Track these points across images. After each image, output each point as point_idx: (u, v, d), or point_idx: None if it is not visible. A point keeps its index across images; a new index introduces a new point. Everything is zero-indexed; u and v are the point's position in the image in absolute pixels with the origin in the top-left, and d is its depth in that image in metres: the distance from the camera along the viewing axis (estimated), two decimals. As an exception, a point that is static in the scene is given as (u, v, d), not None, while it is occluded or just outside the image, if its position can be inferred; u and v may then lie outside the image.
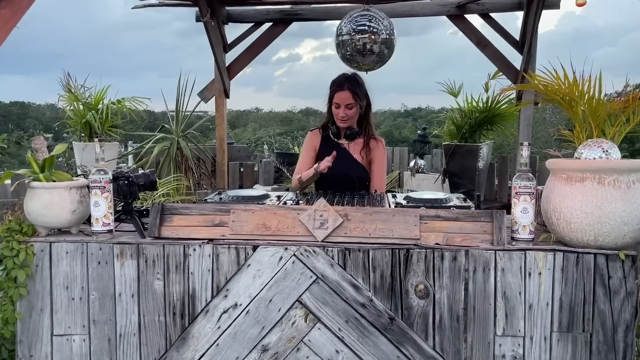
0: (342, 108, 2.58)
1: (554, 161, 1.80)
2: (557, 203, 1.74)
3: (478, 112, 4.07)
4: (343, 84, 2.57)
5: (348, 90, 2.56)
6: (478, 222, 1.79)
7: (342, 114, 2.58)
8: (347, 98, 2.56)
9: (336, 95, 2.58)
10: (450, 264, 1.75)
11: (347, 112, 2.58)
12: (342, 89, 2.56)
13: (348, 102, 2.57)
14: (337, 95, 2.58)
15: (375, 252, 1.76)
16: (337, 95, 2.58)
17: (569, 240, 1.75)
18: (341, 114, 2.58)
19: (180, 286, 1.82)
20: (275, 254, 1.79)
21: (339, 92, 2.57)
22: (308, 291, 1.78)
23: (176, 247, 1.81)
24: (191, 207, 1.89)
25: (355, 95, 2.57)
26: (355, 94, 2.57)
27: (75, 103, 4.22)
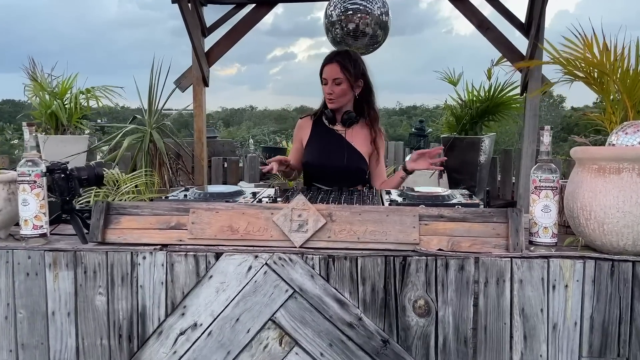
0: (329, 83, 2.27)
1: (583, 149, 1.48)
2: (587, 200, 1.42)
3: (479, 101, 3.76)
4: (332, 57, 2.28)
5: (336, 63, 2.25)
6: (490, 223, 1.47)
7: (328, 90, 2.27)
8: (335, 71, 2.25)
9: (324, 69, 2.29)
10: (456, 275, 1.43)
11: (334, 88, 2.27)
12: (331, 62, 2.27)
13: (335, 77, 2.26)
14: (325, 69, 2.28)
15: (365, 260, 1.44)
16: (325, 69, 2.28)
17: (601, 245, 1.43)
18: (328, 89, 2.27)
19: (128, 302, 1.49)
20: (243, 263, 1.46)
21: (327, 65, 2.28)
22: (283, 308, 1.46)
23: (122, 255, 1.48)
24: (142, 206, 1.56)
25: (344, 69, 2.25)
26: (344, 68, 2.25)
27: (41, 93, 3.88)
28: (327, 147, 2.35)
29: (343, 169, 2.29)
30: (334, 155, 2.31)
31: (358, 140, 2.36)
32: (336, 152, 2.31)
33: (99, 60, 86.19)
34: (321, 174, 2.32)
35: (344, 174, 2.28)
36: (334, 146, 2.33)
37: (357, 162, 2.33)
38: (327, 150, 2.34)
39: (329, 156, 2.32)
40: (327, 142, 2.36)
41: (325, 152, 2.34)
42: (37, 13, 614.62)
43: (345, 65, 2.26)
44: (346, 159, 2.30)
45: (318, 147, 2.37)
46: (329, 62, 2.28)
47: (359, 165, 2.33)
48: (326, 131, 2.39)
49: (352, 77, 2.28)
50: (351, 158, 2.32)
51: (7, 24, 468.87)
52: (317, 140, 2.38)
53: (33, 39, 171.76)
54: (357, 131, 2.39)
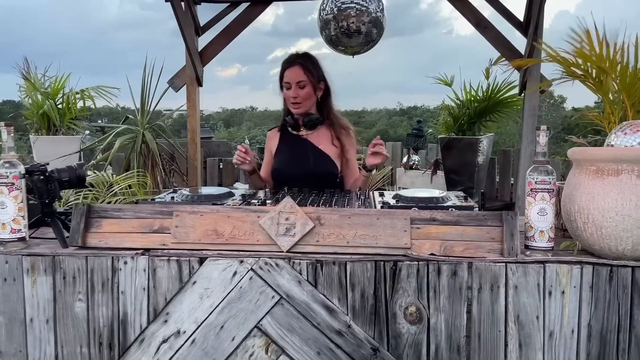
0: (293, 87, 2.21)
1: (580, 150, 1.43)
2: (584, 202, 1.37)
3: (477, 101, 3.70)
4: (293, 60, 2.21)
5: (299, 65, 2.20)
6: (484, 226, 1.42)
7: (293, 94, 2.21)
8: (298, 74, 2.20)
9: (286, 73, 2.22)
10: (448, 280, 1.37)
11: (298, 91, 2.21)
12: (292, 65, 2.20)
13: (299, 79, 2.20)
14: (287, 73, 2.21)
15: (355, 265, 1.39)
16: (286, 73, 2.22)
17: (599, 250, 1.38)
18: (292, 94, 2.21)
19: (108, 309, 1.43)
20: (228, 268, 1.41)
21: (289, 69, 2.21)
22: (269, 315, 1.40)
23: (102, 260, 1.43)
24: (125, 209, 1.51)
25: (307, 71, 2.20)
26: (307, 70, 2.20)
27: (34, 93, 3.82)
28: (294, 154, 2.29)
29: (311, 174, 2.23)
30: (301, 161, 2.26)
31: (324, 142, 2.30)
32: (303, 158, 2.26)
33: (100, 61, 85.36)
34: (290, 180, 2.25)
35: (313, 178, 2.21)
36: (300, 151, 2.27)
37: (325, 166, 2.26)
38: (294, 156, 2.28)
39: (296, 162, 2.26)
40: (294, 148, 2.31)
41: (292, 158, 2.29)
42: (37, 13, 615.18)
43: (308, 67, 2.21)
44: (313, 163, 2.24)
45: (285, 154, 2.33)
46: (290, 65, 2.21)
47: (327, 168, 2.26)
48: (292, 138, 2.34)
49: (314, 79, 2.23)
50: (318, 162, 2.26)
51: (8, 24, 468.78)
52: (285, 148, 2.34)
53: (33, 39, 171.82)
54: (322, 133, 2.33)
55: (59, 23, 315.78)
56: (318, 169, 2.25)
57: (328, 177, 2.27)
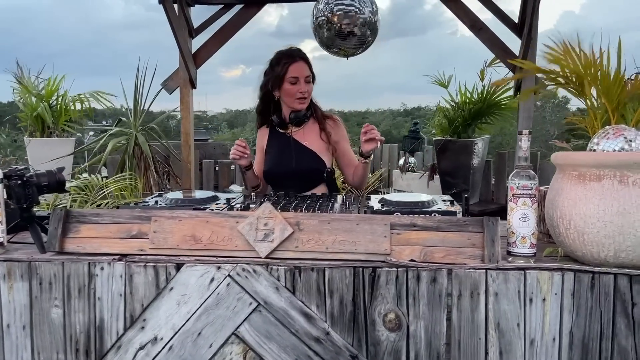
0: (301, 82, 2.18)
1: (563, 154, 1.41)
2: (567, 208, 1.35)
3: (472, 103, 3.68)
4: (295, 55, 2.19)
5: (303, 60, 2.18)
6: (465, 232, 1.40)
7: (302, 89, 2.18)
8: (304, 69, 2.19)
9: (291, 68, 2.17)
10: (428, 287, 1.35)
11: (307, 87, 2.20)
12: (297, 60, 2.18)
13: (307, 74, 2.19)
14: (293, 68, 2.17)
15: (333, 271, 1.37)
16: (292, 69, 2.17)
17: (582, 256, 1.36)
18: (302, 88, 2.18)
19: (85, 315, 1.42)
20: (205, 274, 1.39)
21: (295, 64, 2.17)
22: (247, 322, 1.39)
23: (79, 266, 1.41)
24: (103, 214, 1.50)
25: (309, 66, 2.20)
26: (309, 65, 2.20)
27: (28, 95, 3.83)
28: (278, 153, 2.28)
29: (294, 173, 2.22)
30: (285, 160, 2.24)
31: (310, 138, 2.28)
32: (287, 156, 2.24)
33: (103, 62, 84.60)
34: (278, 180, 2.24)
35: (297, 177, 2.21)
36: (284, 150, 2.26)
37: (308, 163, 2.24)
38: (279, 156, 2.27)
39: (281, 162, 2.25)
40: (279, 147, 2.29)
41: (277, 158, 2.28)
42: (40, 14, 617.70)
43: (309, 63, 2.21)
44: (295, 161, 2.23)
45: (272, 154, 2.31)
46: (294, 60, 2.19)
47: (311, 165, 2.24)
48: (278, 137, 2.32)
49: (314, 75, 2.25)
50: (301, 159, 2.24)
51: (12, 25, 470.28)
52: (272, 148, 2.32)
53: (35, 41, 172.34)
54: (309, 129, 2.31)
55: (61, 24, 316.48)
56: (302, 167, 2.24)
57: (313, 173, 2.26)
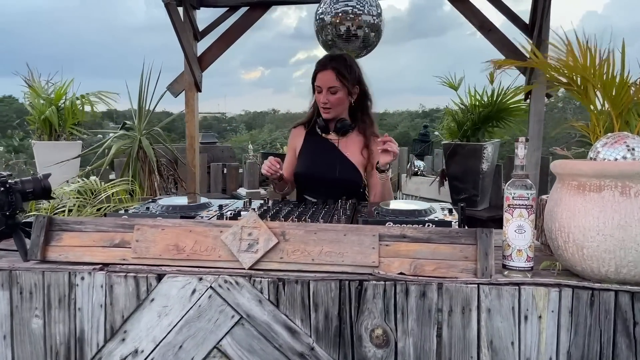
0: (323, 92, 2.13)
1: (561, 163, 1.34)
2: (565, 220, 1.28)
3: (482, 106, 3.59)
4: (326, 63, 2.12)
5: (332, 70, 2.10)
6: (457, 244, 1.33)
7: (323, 99, 2.13)
8: (330, 79, 2.11)
9: (318, 76, 2.13)
10: (417, 302, 1.29)
11: (329, 97, 2.13)
12: (325, 69, 2.11)
13: (331, 85, 2.11)
14: (319, 77, 2.13)
15: (318, 284, 1.31)
16: (318, 77, 2.13)
17: (582, 271, 1.28)
18: (322, 99, 2.13)
19: (65, 326, 1.39)
20: (187, 285, 1.35)
21: (321, 72, 2.12)
22: (229, 335, 1.34)
23: (59, 275, 1.38)
24: (86, 222, 1.47)
25: (340, 76, 2.10)
26: (340, 75, 2.10)
27: (37, 99, 3.85)
28: (319, 158, 2.22)
29: (334, 181, 2.16)
30: (325, 166, 2.18)
31: (352, 150, 2.22)
32: (328, 163, 2.18)
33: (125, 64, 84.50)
34: (312, 185, 2.18)
35: (335, 186, 2.15)
36: (326, 156, 2.20)
37: (349, 174, 2.18)
38: (319, 160, 2.21)
39: (320, 167, 2.19)
40: (320, 152, 2.23)
41: (316, 162, 2.21)
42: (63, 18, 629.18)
43: (341, 72, 2.11)
44: (338, 171, 2.17)
45: (310, 157, 2.25)
46: (323, 68, 2.13)
47: (351, 177, 2.18)
48: (319, 141, 2.25)
49: (348, 84, 2.13)
50: (343, 170, 2.18)
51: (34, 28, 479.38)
52: (310, 150, 2.26)
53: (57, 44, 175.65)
54: (352, 140, 2.24)
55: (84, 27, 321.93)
56: (343, 177, 2.18)
57: (352, 186, 2.21)
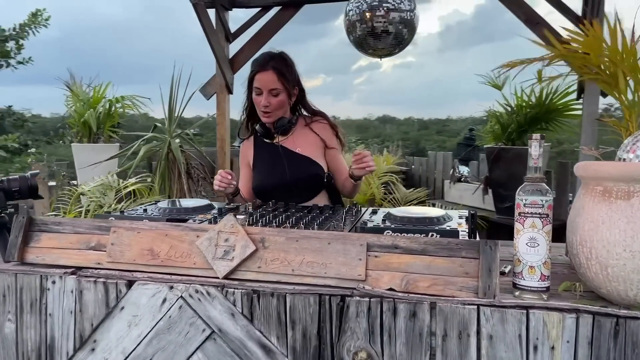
0: (264, 94, 1.97)
1: (585, 165, 1.13)
2: (587, 232, 1.07)
3: (529, 107, 3.31)
4: (266, 63, 1.95)
5: (273, 70, 1.94)
6: (457, 258, 1.15)
7: (264, 102, 1.97)
8: (271, 81, 1.94)
9: (257, 77, 1.96)
10: (407, 323, 1.12)
11: (270, 100, 1.97)
12: (265, 69, 1.94)
13: (272, 87, 1.95)
14: (259, 77, 1.96)
15: (295, 298, 1.17)
16: (257, 77, 1.96)
17: (607, 294, 1.07)
18: (263, 101, 1.97)
19: (36, 332, 1.32)
20: (157, 294, 1.25)
21: (261, 73, 1.95)
22: (200, 351, 1.22)
23: (31, 278, 1.32)
24: (64, 223, 1.40)
25: (282, 77, 1.95)
26: (282, 76, 1.95)
27: (77, 103, 3.95)
28: (269, 165, 2.07)
29: (290, 182, 2.01)
30: (280, 173, 2.03)
31: (302, 143, 2.07)
32: (278, 167, 2.04)
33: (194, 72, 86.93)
34: (271, 194, 2.03)
35: (294, 187, 2.00)
36: (275, 161, 2.06)
37: (307, 170, 2.03)
38: (270, 167, 2.07)
39: (274, 173, 2.05)
40: (269, 159, 2.09)
41: (269, 170, 2.07)
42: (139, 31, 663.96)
43: (283, 73, 1.95)
44: (289, 170, 2.03)
45: (262, 167, 2.11)
46: (262, 68, 1.96)
47: (310, 172, 2.03)
48: (266, 147, 2.11)
49: (289, 85, 1.98)
50: (296, 167, 2.04)
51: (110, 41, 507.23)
52: (260, 161, 2.11)
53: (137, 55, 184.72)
54: (299, 135, 2.10)
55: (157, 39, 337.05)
56: (297, 176, 2.04)
57: (312, 180, 2.06)
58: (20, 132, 9.16)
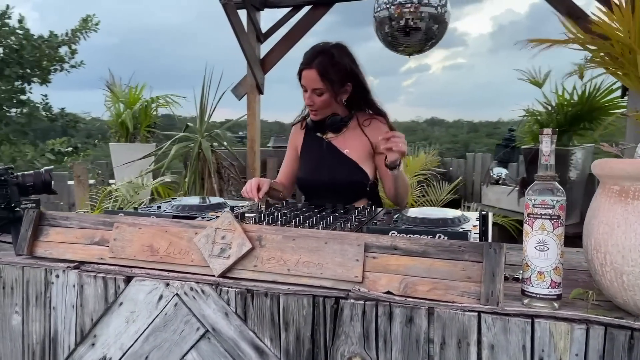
0: (309, 93, 1.91)
1: (601, 162, 1.03)
2: (602, 236, 0.98)
3: (570, 105, 3.13)
4: (311, 60, 1.88)
5: (316, 69, 1.86)
6: (459, 261, 1.08)
7: (307, 101, 1.92)
8: (314, 80, 1.87)
9: (302, 74, 1.90)
10: (403, 329, 1.06)
11: (314, 99, 1.90)
12: (309, 66, 1.87)
13: (315, 86, 1.88)
14: (303, 75, 1.90)
15: (289, 299, 1.13)
16: (302, 75, 1.90)
17: (623, 304, 0.97)
18: (307, 101, 1.92)
19: (41, 325, 1.34)
20: (154, 290, 1.23)
21: (305, 71, 1.89)
22: (195, 350, 1.20)
23: (37, 272, 1.34)
24: (71, 218, 1.41)
25: (325, 77, 1.86)
26: (325, 75, 1.86)
27: (116, 104, 4.06)
28: (317, 160, 2.01)
29: (331, 184, 1.95)
30: (323, 169, 1.97)
31: (352, 145, 1.98)
32: (326, 165, 1.97)
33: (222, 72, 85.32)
34: (313, 191, 1.98)
35: (334, 189, 1.94)
36: (323, 158, 1.99)
37: (351, 175, 1.95)
38: (317, 163, 2.00)
39: (319, 170, 1.98)
40: (317, 154, 2.02)
41: (315, 166, 2.01)
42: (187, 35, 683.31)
43: (326, 72, 1.86)
44: (336, 172, 1.96)
45: (307, 160, 2.06)
46: (307, 66, 1.89)
47: (353, 178, 1.95)
48: (316, 141, 2.04)
49: (334, 85, 1.89)
50: (340, 170, 1.96)
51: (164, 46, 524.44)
52: (308, 153, 2.06)
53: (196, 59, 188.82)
54: (350, 135, 2.00)
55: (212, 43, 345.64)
56: (340, 179, 1.97)
57: (353, 186, 1.99)
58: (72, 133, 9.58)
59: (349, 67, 1.94)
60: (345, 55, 1.95)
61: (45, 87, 9.84)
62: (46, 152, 8.90)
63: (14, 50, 8.99)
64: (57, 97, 9.47)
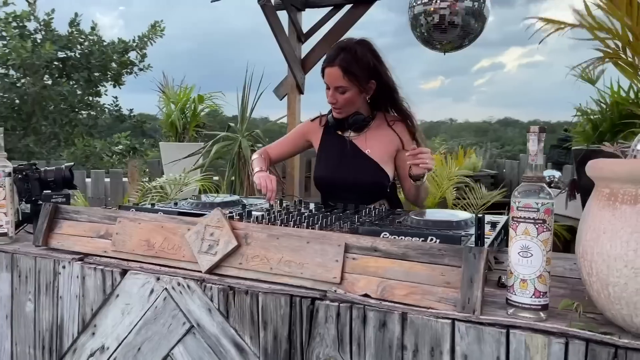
0: (331, 91, 1.89)
1: (593, 164, 0.96)
2: (588, 243, 0.90)
3: (625, 103, 2.90)
4: (333, 58, 1.85)
5: (338, 67, 1.82)
6: (437, 265, 1.03)
7: (330, 99, 1.90)
8: (337, 78, 1.84)
9: (325, 72, 1.88)
10: (376, 333, 1.02)
11: (337, 97, 1.88)
12: (331, 64, 1.85)
13: (338, 85, 1.86)
14: (326, 73, 1.88)
15: (268, 298, 1.12)
16: (325, 72, 1.88)
17: (612, 318, 0.89)
18: (329, 98, 1.90)
19: (50, 313, 1.41)
20: (146, 284, 1.27)
21: (328, 68, 1.87)
22: (182, 344, 1.22)
23: (47, 262, 1.41)
24: (82, 212, 1.48)
25: (348, 74, 1.83)
26: (348, 73, 1.83)
27: (168, 105, 4.22)
28: (336, 159, 1.98)
29: (352, 184, 1.92)
30: (343, 168, 1.94)
31: (376, 145, 1.94)
32: (345, 164, 1.94)
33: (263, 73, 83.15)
34: (332, 190, 1.96)
35: (358, 189, 1.91)
36: (343, 157, 1.96)
37: (371, 175, 1.91)
38: (337, 162, 1.97)
39: (339, 169, 1.95)
40: (337, 152, 1.99)
41: (335, 164, 1.98)
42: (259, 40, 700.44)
43: (350, 70, 1.82)
44: (356, 172, 1.92)
45: (327, 158, 2.02)
46: (330, 64, 1.86)
47: (374, 179, 1.92)
48: (336, 139, 2.01)
49: (359, 81, 1.85)
50: (362, 170, 1.93)
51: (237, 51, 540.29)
52: (327, 150, 2.03)
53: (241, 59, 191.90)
54: (373, 134, 1.97)
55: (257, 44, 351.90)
56: (361, 179, 1.94)
57: (374, 187, 1.96)
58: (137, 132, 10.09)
59: (372, 64, 1.90)
60: (369, 52, 1.91)
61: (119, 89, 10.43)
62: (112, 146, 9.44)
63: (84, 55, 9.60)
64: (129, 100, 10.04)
